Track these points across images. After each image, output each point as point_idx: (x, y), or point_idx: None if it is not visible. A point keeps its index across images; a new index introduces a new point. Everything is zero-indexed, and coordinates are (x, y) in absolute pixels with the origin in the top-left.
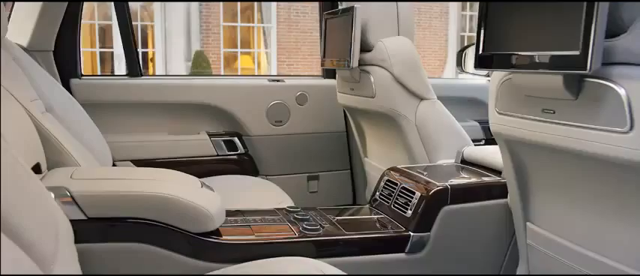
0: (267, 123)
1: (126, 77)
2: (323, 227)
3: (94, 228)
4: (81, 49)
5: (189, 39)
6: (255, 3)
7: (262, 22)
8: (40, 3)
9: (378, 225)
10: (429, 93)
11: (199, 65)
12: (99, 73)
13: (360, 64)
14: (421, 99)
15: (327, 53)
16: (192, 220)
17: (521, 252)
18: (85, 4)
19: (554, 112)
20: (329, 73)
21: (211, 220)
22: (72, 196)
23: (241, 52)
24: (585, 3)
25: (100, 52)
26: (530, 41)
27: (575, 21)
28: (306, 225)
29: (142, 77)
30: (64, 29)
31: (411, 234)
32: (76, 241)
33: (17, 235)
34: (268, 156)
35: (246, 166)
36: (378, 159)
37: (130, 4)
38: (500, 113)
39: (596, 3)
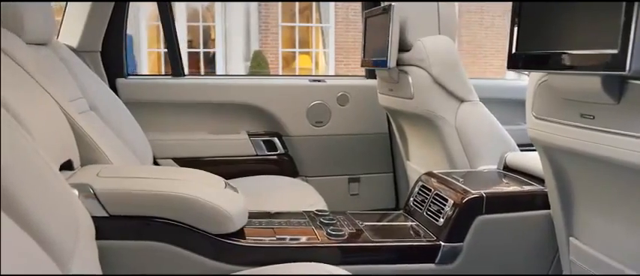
0: (308, 123)
1: (169, 77)
2: (349, 233)
3: (115, 225)
4: (127, 50)
5: (248, 39)
6: (314, 3)
7: (320, 22)
8: (89, 6)
9: (408, 233)
10: (470, 94)
11: (258, 65)
12: (163, 73)
13: (398, 64)
14: (462, 101)
15: (366, 53)
16: (211, 220)
17: (565, 269)
18: (148, 6)
19: (593, 118)
20: (371, 74)
21: (231, 221)
22: (95, 194)
23: (299, 52)
24: None
25: (165, 53)
26: (566, 39)
27: (613, 16)
28: (330, 230)
29: (185, 77)
30: (111, 30)
31: (442, 244)
32: (98, 238)
33: (35, 231)
34: (308, 157)
35: (286, 166)
36: (419, 163)
37: (194, 4)
38: (537, 118)
39: None
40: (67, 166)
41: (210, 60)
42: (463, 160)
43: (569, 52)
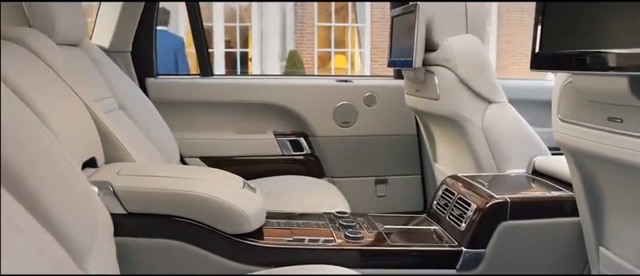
0: (334, 124)
1: (197, 77)
2: (367, 236)
3: (133, 223)
4: (156, 50)
5: (284, 39)
6: (350, 3)
7: (356, 22)
8: (120, 7)
9: (429, 237)
10: (498, 95)
11: (293, 65)
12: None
13: (425, 64)
14: (489, 102)
15: (393, 53)
16: (227, 220)
17: None
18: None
19: (621, 121)
20: (399, 74)
21: (247, 221)
22: (114, 191)
23: (335, 52)
24: None
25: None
26: (592, 38)
27: None
28: (349, 232)
29: (213, 77)
30: (141, 31)
31: (464, 250)
32: (116, 235)
33: (54, 227)
34: (335, 157)
35: (312, 167)
36: (446, 165)
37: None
38: (562, 120)
39: None
40: (90, 163)
41: (247, 60)
42: (490, 163)
43: (595, 51)
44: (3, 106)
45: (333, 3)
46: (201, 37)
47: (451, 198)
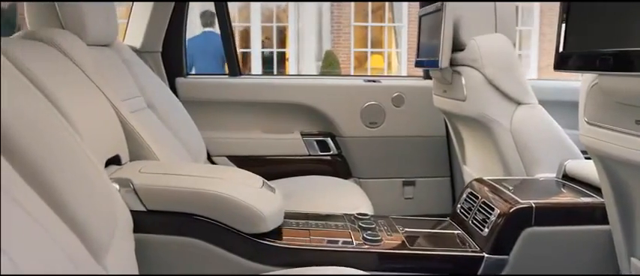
0: (361, 124)
1: (226, 77)
2: (386, 238)
3: (152, 220)
4: (186, 50)
5: (320, 39)
6: (387, 3)
7: (393, 22)
8: (151, 8)
9: (451, 242)
10: (528, 97)
11: (329, 65)
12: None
13: (452, 64)
14: (518, 103)
15: (420, 52)
16: (243, 219)
17: None
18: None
19: None
20: (428, 74)
21: (263, 221)
22: (134, 188)
23: (372, 52)
24: None
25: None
26: (617, 37)
27: None
28: (367, 234)
29: (241, 77)
30: (171, 32)
31: (485, 256)
32: (135, 231)
33: (73, 222)
34: (362, 158)
35: (339, 167)
36: (475, 168)
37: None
38: (589, 123)
39: None
40: (115, 161)
41: (284, 60)
42: (519, 166)
43: (620, 50)
44: (31, 106)
45: (369, 3)
46: (230, 36)
47: (475, 202)
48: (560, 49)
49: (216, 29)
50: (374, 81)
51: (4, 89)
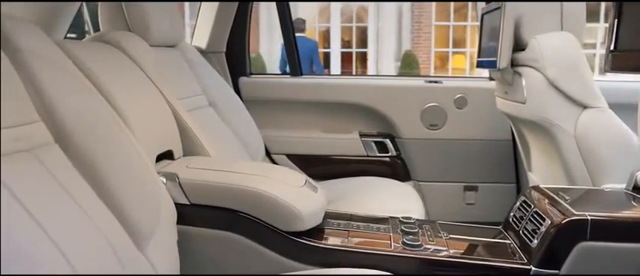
0: (422, 126)
1: (288, 76)
2: (427, 244)
3: (195, 213)
4: (250, 50)
5: (400, 38)
6: (470, 2)
7: (477, 21)
8: (216, 9)
9: (496, 251)
10: (595, 100)
11: (408, 65)
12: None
13: (513, 65)
14: (584, 107)
15: (482, 52)
16: (280, 217)
17: None
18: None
19: None
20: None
21: (300, 219)
22: (179, 182)
23: (453, 52)
24: None
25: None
26: None
27: None
28: (407, 239)
29: (302, 76)
30: (235, 32)
31: (533, 269)
32: (179, 223)
33: (119, 211)
34: (421, 161)
35: (398, 169)
36: (540, 175)
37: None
38: None
39: None
40: (168, 155)
41: (365, 60)
42: (583, 175)
43: None
44: (87, 104)
45: (452, 3)
46: (291, 36)
47: (527, 211)
48: (613, 50)
49: (306, 34)
50: (435, 82)
51: (64, 89)
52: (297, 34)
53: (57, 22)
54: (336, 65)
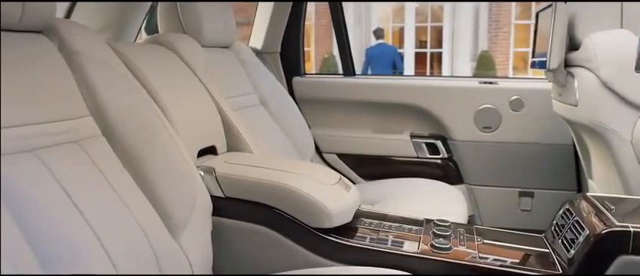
0: (475, 128)
1: (341, 76)
2: (457, 248)
3: (229, 206)
4: (304, 50)
5: (476, 38)
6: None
7: None
8: (271, 10)
9: (532, 260)
10: None
11: (483, 66)
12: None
13: (567, 65)
14: None
15: (536, 52)
16: (309, 213)
17: None
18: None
19: None
20: None
21: (328, 217)
22: (216, 176)
23: None
24: None
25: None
26: None
27: None
28: (436, 242)
29: (355, 77)
30: (289, 32)
31: None
32: (214, 214)
33: (157, 200)
34: (474, 164)
35: (449, 172)
36: (599, 183)
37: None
38: None
39: None
40: (211, 151)
41: (440, 60)
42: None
43: None
44: (134, 102)
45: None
46: (344, 36)
47: (569, 219)
48: None
49: (387, 41)
50: (490, 82)
51: (114, 88)
52: (377, 41)
53: (127, 24)
54: (409, 66)
